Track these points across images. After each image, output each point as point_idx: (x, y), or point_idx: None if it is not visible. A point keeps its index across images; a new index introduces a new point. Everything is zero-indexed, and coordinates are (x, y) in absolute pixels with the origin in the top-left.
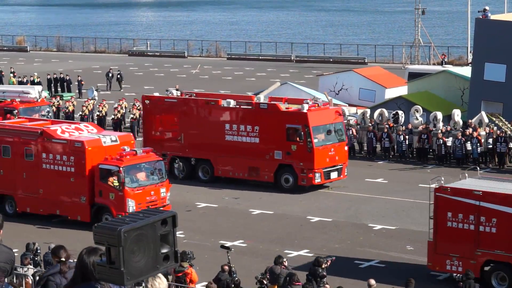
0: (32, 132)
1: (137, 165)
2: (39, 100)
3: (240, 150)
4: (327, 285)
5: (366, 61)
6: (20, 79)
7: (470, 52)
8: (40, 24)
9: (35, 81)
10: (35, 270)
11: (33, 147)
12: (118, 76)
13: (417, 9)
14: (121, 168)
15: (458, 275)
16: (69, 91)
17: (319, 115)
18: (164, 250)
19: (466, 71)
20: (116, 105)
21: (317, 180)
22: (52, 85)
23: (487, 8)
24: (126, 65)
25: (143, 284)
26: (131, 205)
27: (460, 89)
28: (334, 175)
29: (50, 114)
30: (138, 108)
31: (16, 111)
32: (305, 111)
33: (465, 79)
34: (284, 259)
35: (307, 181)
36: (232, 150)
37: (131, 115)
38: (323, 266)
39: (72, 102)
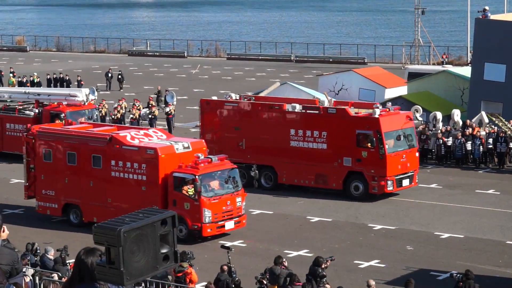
0: (100, 138)
1: (212, 173)
2: (86, 103)
3: (307, 156)
4: (327, 285)
5: (366, 61)
6: (19, 79)
7: (470, 52)
8: (40, 24)
9: (35, 81)
10: (34, 270)
11: (102, 154)
12: (119, 76)
13: (417, 9)
14: (197, 177)
15: (458, 275)
16: None
17: (391, 120)
18: (164, 250)
19: (466, 71)
20: (116, 105)
21: (389, 188)
22: (51, 85)
23: (487, 8)
24: (126, 65)
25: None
26: (208, 215)
27: (460, 89)
28: (406, 182)
29: (96, 118)
30: (138, 108)
31: (63, 114)
32: (377, 116)
33: (465, 79)
34: (284, 259)
35: (379, 189)
36: (297, 156)
37: (131, 115)
38: (323, 266)
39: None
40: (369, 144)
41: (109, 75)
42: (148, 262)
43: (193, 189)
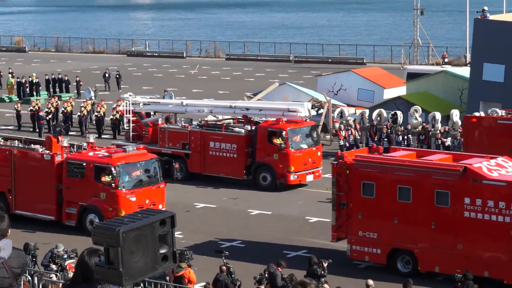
0: (450, 170)
1: None
2: (308, 120)
3: None
4: (325, 285)
5: (364, 61)
6: (18, 80)
7: (469, 52)
8: (39, 25)
9: (34, 81)
10: (34, 270)
11: (451, 190)
12: (117, 76)
13: (416, 9)
14: None
15: (459, 275)
16: (67, 91)
17: None
18: (163, 251)
19: (465, 71)
20: (114, 106)
21: None
22: (50, 85)
23: (486, 8)
24: (125, 65)
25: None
26: None
27: (459, 90)
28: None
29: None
30: None
31: (284, 132)
32: None
33: (464, 79)
34: (283, 261)
35: None
36: None
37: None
38: (325, 265)
39: (71, 103)
40: None
41: (106, 75)
42: (147, 262)
43: None
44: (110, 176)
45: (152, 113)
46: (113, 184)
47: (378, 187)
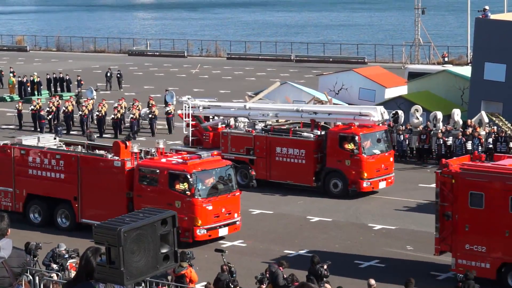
0: None
1: None
2: (381, 124)
3: None
4: (327, 285)
5: (366, 60)
6: (20, 79)
7: (470, 52)
8: (40, 25)
9: (35, 81)
10: (34, 270)
11: None
12: (118, 75)
13: (417, 9)
14: None
15: (460, 275)
16: (68, 91)
17: None
18: (164, 250)
19: (466, 70)
20: (116, 105)
21: None
22: (51, 85)
23: (487, 7)
24: (126, 64)
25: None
26: None
27: (460, 89)
28: None
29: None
30: (138, 108)
31: (356, 137)
32: None
33: (465, 78)
34: (284, 260)
35: None
36: None
37: (131, 115)
38: (325, 267)
39: (71, 102)
40: None
41: (108, 74)
42: (148, 262)
43: None
44: (186, 184)
45: (210, 117)
46: (188, 192)
47: (488, 197)
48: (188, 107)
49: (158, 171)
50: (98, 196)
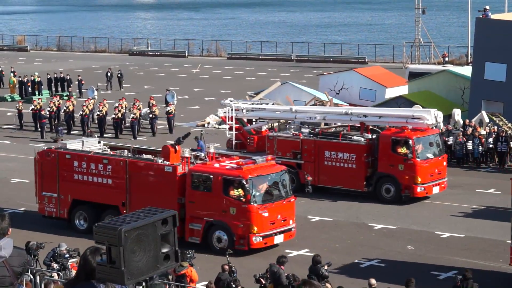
0: None
1: None
2: (435, 127)
3: None
4: (328, 285)
5: (366, 60)
6: (20, 79)
7: (470, 52)
8: (41, 25)
9: (36, 80)
10: (35, 269)
11: None
12: (118, 75)
13: (418, 9)
14: None
15: (458, 276)
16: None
17: None
18: (165, 250)
19: (466, 70)
20: (116, 105)
21: None
22: (52, 84)
23: (487, 7)
24: (127, 64)
25: (143, 284)
26: None
27: (460, 89)
28: None
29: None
30: (138, 107)
31: (410, 141)
32: None
33: (465, 78)
34: (283, 257)
35: None
36: None
37: (132, 115)
38: (325, 267)
39: (72, 102)
40: None
41: (109, 74)
42: (149, 261)
43: None
44: (241, 190)
45: (253, 119)
46: (243, 199)
47: None
48: (231, 109)
49: (211, 176)
50: (147, 202)
